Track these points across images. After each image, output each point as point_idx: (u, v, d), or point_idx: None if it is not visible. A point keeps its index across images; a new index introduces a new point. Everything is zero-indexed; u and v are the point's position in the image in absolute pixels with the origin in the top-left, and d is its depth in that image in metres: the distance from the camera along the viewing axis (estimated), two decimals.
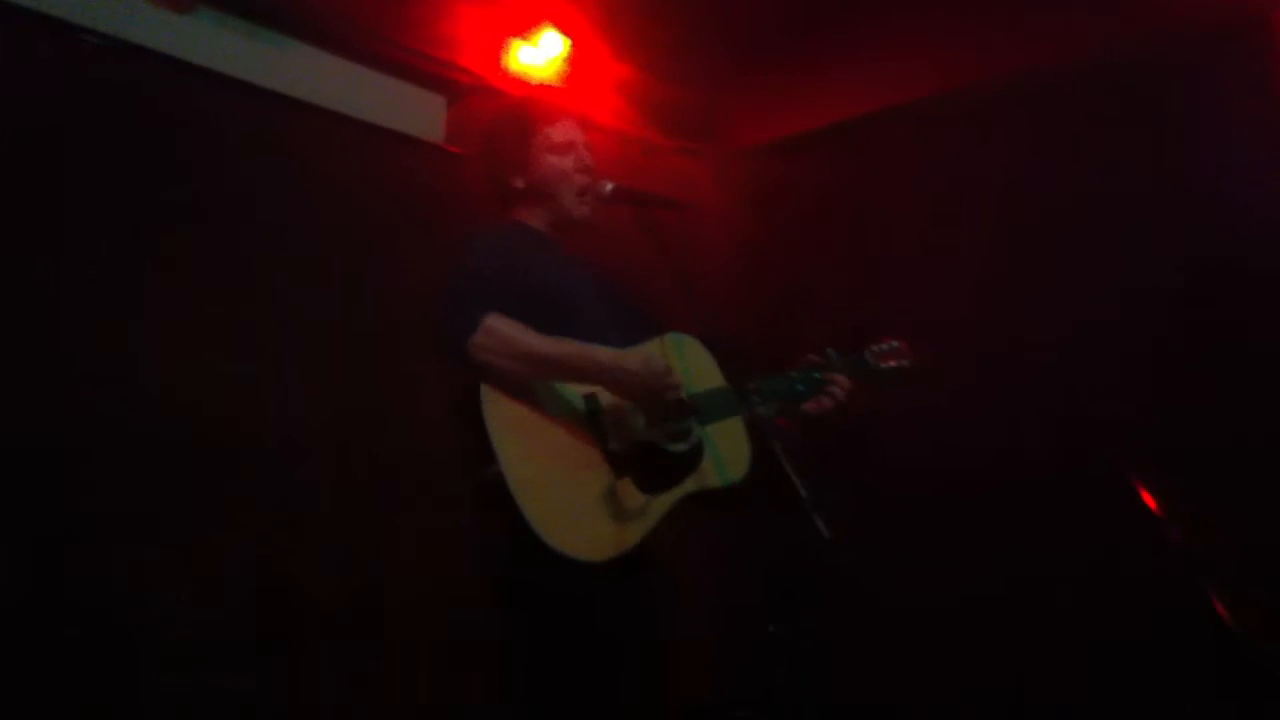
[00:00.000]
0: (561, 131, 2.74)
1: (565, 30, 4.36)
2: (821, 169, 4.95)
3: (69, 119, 3.31)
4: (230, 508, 3.45)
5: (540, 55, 4.36)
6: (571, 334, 2.51)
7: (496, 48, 4.32)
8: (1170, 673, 3.45)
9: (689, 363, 2.70)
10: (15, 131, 3.19)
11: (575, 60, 4.41)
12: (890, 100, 4.70)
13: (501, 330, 2.39)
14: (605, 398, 2.43)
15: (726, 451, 2.64)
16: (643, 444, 2.47)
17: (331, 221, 3.82)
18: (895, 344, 2.98)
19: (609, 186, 2.68)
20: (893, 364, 2.94)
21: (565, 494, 2.36)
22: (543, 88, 4.18)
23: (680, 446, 2.53)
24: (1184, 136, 3.87)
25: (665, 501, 2.48)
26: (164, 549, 3.28)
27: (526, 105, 2.90)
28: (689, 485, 2.53)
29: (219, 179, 3.59)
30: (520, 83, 4.36)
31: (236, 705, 3.34)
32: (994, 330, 4.14)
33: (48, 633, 3.05)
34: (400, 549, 3.80)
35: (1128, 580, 3.62)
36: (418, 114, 4.23)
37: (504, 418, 2.37)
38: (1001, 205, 4.27)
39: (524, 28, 4.33)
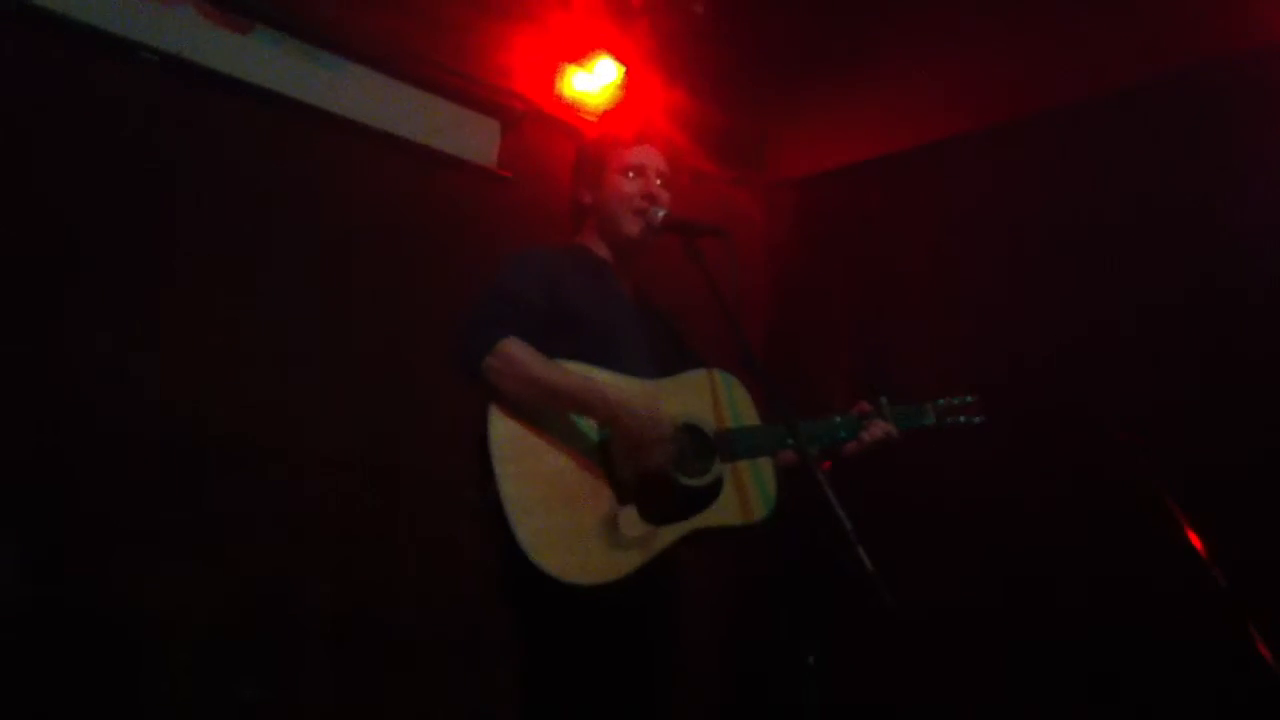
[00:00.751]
0: (637, 155, 2.75)
1: (619, 57, 4.38)
2: (865, 201, 4.93)
3: (127, 136, 3.34)
4: (233, 516, 3.44)
5: (594, 82, 4.39)
6: (605, 358, 2.53)
7: (550, 74, 4.36)
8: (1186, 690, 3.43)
9: (725, 398, 2.68)
10: (72, 146, 3.22)
11: (628, 87, 4.43)
12: (934, 134, 4.67)
13: (515, 354, 2.41)
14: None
15: (750, 490, 2.60)
16: (653, 474, 2.45)
17: (382, 241, 3.84)
18: (969, 399, 2.88)
19: (660, 214, 2.68)
20: (960, 419, 2.86)
21: (561, 517, 2.35)
22: (641, 117, 4.17)
23: (696, 481, 2.50)
24: (1214, 164, 3.83)
25: (671, 534, 2.45)
26: (167, 556, 3.27)
27: (618, 126, 2.93)
28: (700, 520, 2.50)
29: (273, 197, 3.62)
30: (573, 109, 4.38)
31: (238, 712, 3.33)
32: (1034, 361, 4.09)
33: (51, 638, 3.05)
34: (404, 560, 3.76)
35: (1147, 603, 3.58)
36: (472, 138, 4.25)
37: (508, 438, 2.39)
38: (1045, 239, 4.22)
39: (578, 55, 4.36)
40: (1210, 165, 3.84)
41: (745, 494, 2.58)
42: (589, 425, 2.45)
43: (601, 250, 2.78)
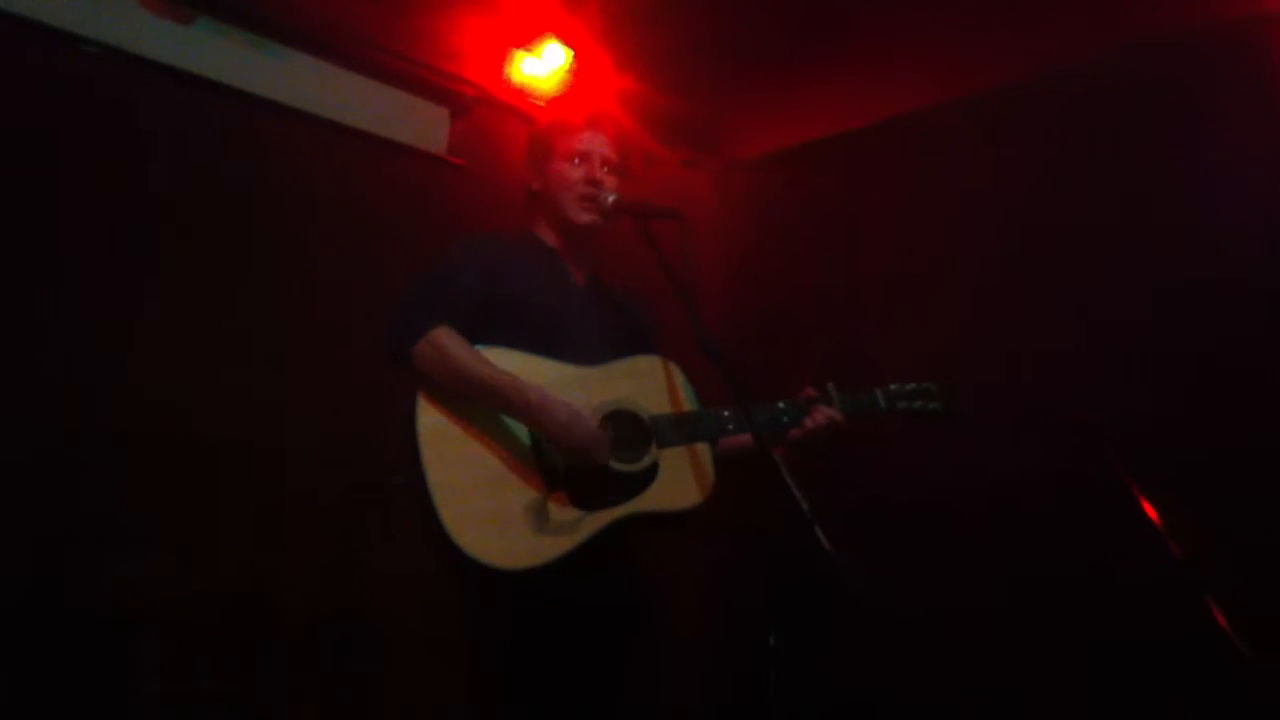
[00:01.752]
0: (584, 142, 2.75)
1: (568, 42, 4.36)
2: (821, 180, 4.93)
3: (68, 128, 3.29)
4: (222, 514, 3.44)
5: (543, 66, 4.37)
6: (547, 346, 2.54)
7: (500, 59, 4.33)
8: (1169, 684, 3.42)
9: (666, 384, 2.68)
10: (13, 139, 3.17)
11: (578, 71, 4.41)
12: (889, 112, 4.69)
13: (445, 345, 2.43)
14: None
15: (686, 476, 2.60)
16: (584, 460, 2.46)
17: (333, 232, 3.81)
18: (925, 385, 2.84)
19: (610, 198, 2.70)
20: (915, 405, 2.82)
21: (488, 502, 2.37)
22: (590, 102, 4.15)
23: (628, 466, 2.51)
24: (1183, 143, 3.83)
25: (602, 519, 2.45)
26: (158, 555, 3.27)
27: (566, 112, 2.91)
28: (633, 505, 2.50)
29: (220, 189, 3.58)
30: (524, 94, 4.36)
31: (224, 710, 3.33)
32: (994, 342, 4.07)
33: (42, 636, 3.04)
34: (390, 559, 3.73)
35: (1127, 591, 3.55)
36: (421, 126, 4.23)
37: (436, 424, 2.41)
38: (1003, 216, 4.22)
39: (527, 39, 4.33)
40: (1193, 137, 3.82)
41: (681, 479, 2.59)
42: None
43: (550, 237, 2.79)
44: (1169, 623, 3.22)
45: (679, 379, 2.71)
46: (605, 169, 2.75)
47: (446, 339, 2.44)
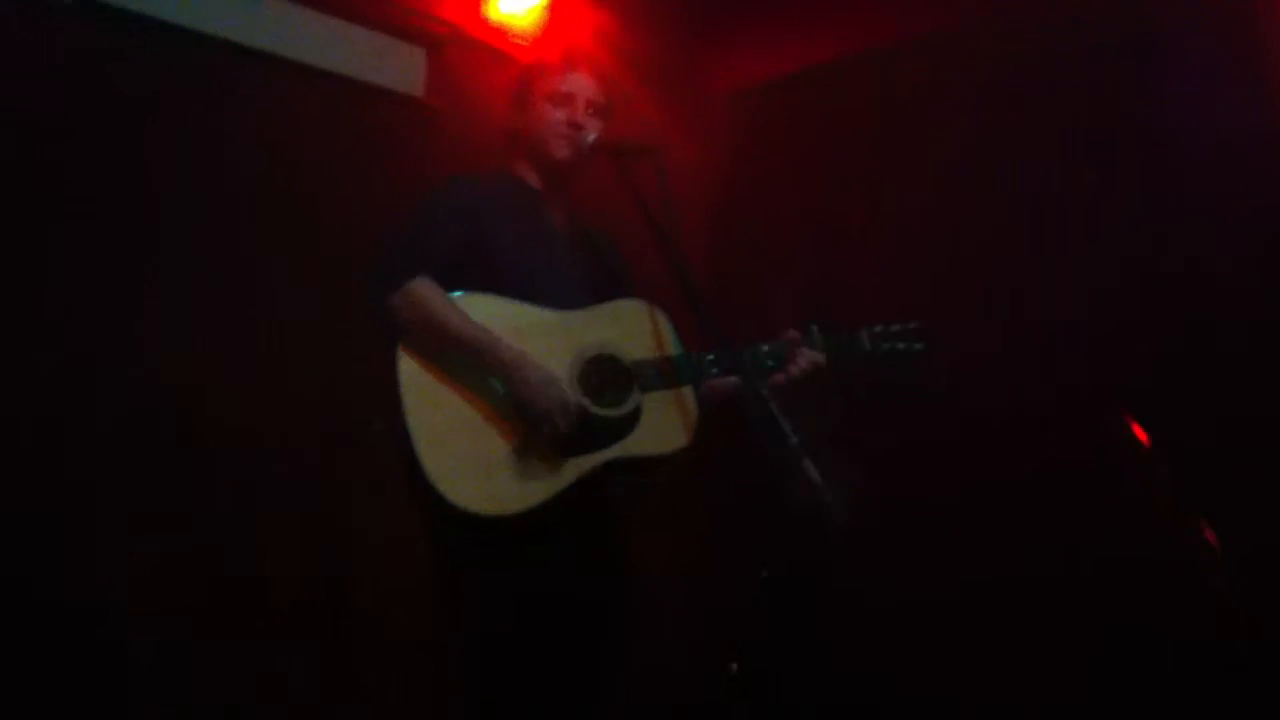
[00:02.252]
0: (566, 83, 2.72)
1: None
2: (801, 115, 4.84)
3: (40, 85, 3.22)
4: (213, 497, 3.44)
5: (520, 4, 4.30)
6: (526, 290, 2.53)
7: None
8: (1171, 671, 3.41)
9: (649, 328, 2.67)
10: None
11: (555, 8, 4.35)
12: (869, 43, 4.60)
13: (421, 296, 2.43)
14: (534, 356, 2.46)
15: (670, 420, 2.60)
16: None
17: (308, 178, 3.74)
18: (910, 325, 2.78)
19: (590, 137, 2.67)
20: (899, 346, 2.77)
21: (468, 446, 2.38)
22: (571, 41, 4.07)
23: (610, 411, 2.52)
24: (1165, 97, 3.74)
25: (583, 464, 2.46)
26: (151, 541, 3.26)
27: (547, 52, 2.90)
28: (615, 450, 2.50)
29: (191, 139, 3.52)
30: (501, 33, 4.29)
31: (221, 693, 3.34)
32: (981, 278, 4.02)
33: (35, 621, 3.03)
34: (388, 538, 3.66)
35: (1130, 575, 3.52)
36: (397, 68, 4.16)
37: (418, 370, 2.42)
38: (992, 155, 4.12)
39: None
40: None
41: (666, 424, 2.59)
42: None
43: (531, 178, 2.77)
44: (1173, 603, 3.22)
45: (662, 323, 2.69)
46: (588, 110, 2.71)
47: (423, 289, 2.43)
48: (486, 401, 2.44)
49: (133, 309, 3.34)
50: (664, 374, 2.60)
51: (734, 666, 3.56)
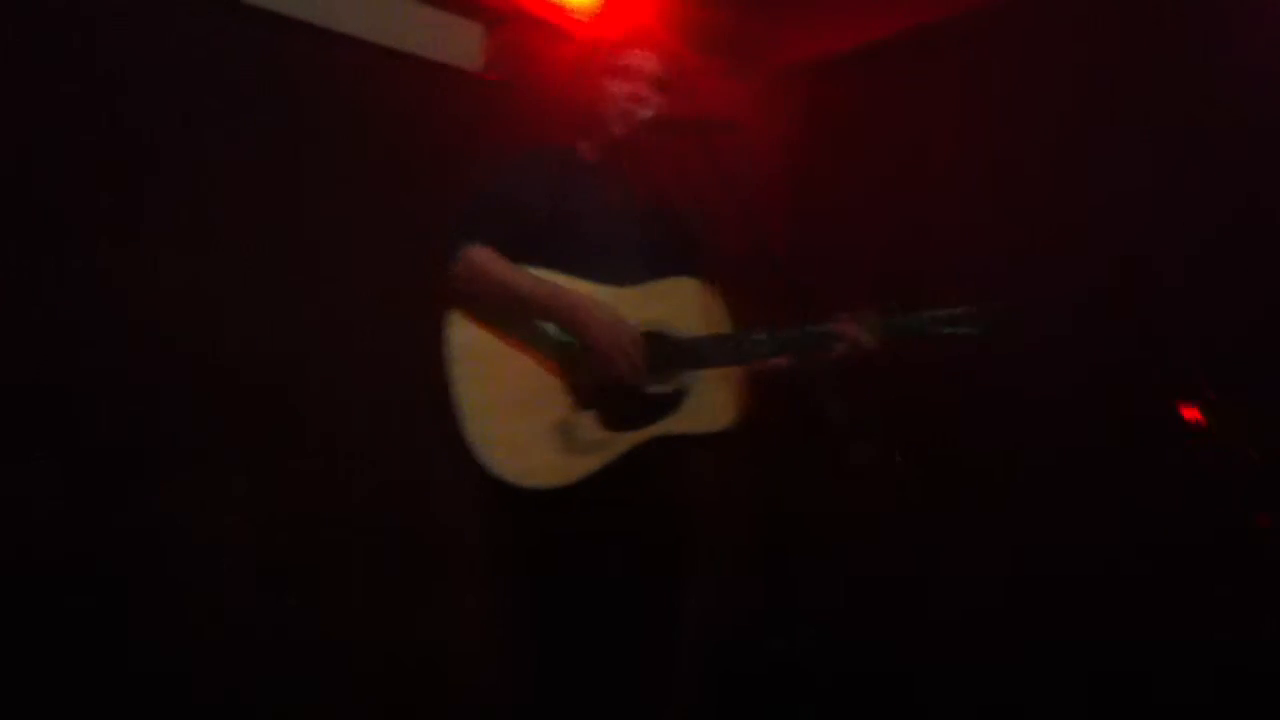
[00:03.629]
0: (631, 59, 2.71)
1: None
2: (877, 87, 4.70)
3: (77, 48, 3.21)
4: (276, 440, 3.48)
5: None
6: (582, 266, 2.54)
7: None
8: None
9: (702, 306, 2.67)
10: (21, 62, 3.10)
11: None
12: (947, 11, 4.39)
13: (479, 262, 2.45)
14: None
15: (715, 399, 2.60)
16: (614, 380, 2.45)
17: (368, 154, 3.75)
18: (973, 309, 2.71)
19: (649, 113, 2.66)
20: (959, 330, 2.69)
21: (514, 419, 2.39)
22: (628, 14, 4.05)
23: (660, 387, 2.52)
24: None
25: (630, 439, 2.47)
26: (193, 482, 3.29)
27: (616, 30, 2.88)
28: (661, 427, 2.51)
29: (251, 116, 3.52)
30: (559, 8, 4.23)
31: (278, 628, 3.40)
32: (1059, 269, 3.79)
33: (90, 563, 3.08)
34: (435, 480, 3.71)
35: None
36: (455, 42, 4.13)
37: (466, 342, 2.43)
38: (1074, 126, 3.92)
39: None
40: None
41: (713, 402, 2.59)
42: (551, 329, 2.46)
43: (593, 153, 2.77)
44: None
45: (714, 301, 2.69)
46: (651, 85, 2.70)
47: (481, 256, 2.46)
48: (536, 372, 2.45)
49: (209, 288, 3.37)
50: (714, 352, 2.59)
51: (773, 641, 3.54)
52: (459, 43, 4.13)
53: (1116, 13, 3.93)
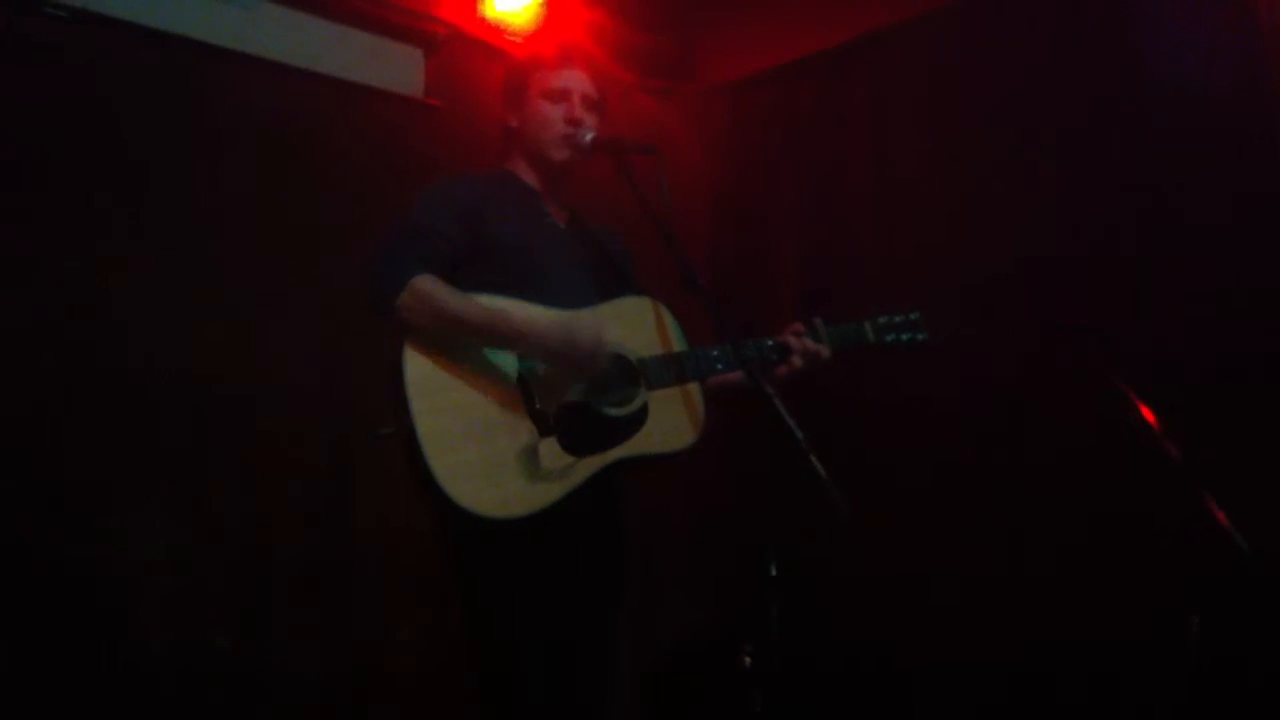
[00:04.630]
0: (562, 79, 2.71)
1: None
2: (798, 103, 4.79)
3: (35, 92, 3.25)
4: (208, 466, 3.50)
5: (516, 2, 4.30)
6: (533, 289, 2.51)
7: None
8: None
9: (654, 324, 2.68)
10: None
11: (550, 4, 4.35)
12: (864, 28, 4.55)
13: (426, 291, 2.40)
14: None
15: (676, 417, 2.61)
16: (573, 405, 2.46)
17: (311, 182, 3.76)
18: (912, 316, 2.87)
19: (588, 136, 2.67)
20: (902, 338, 2.84)
21: (478, 450, 2.36)
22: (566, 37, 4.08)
23: (618, 411, 2.51)
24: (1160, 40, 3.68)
25: (592, 464, 2.46)
26: (148, 511, 3.32)
27: (542, 49, 2.85)
28: (624, 449, 2.51)
29: (193, 147, 3.54)
30: (498, 31, 4.30)
31: (212, 662, 3.40)
32: (982, 267, 3.94)
33: (21, 590, 3.06)
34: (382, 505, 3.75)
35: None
36: (395, 68, 4.17)
37: (424, 374, 2.39)
38: (988, 126, 4.08)
39: None
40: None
41: (673, 420, 2.60)
42: (507, 359, 2.45)
43: (530, 176, 2.76)
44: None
45: (667, 319, 2.70)
46: (584, 106, 2.71)
47: (427, 284, 2.41)
48: (496, 401, 2.42)
49: (138, 306, 3.37)
50: (670, 370, 2.61)
51: (746, 659, 3.55)
52: (400, 69, 4.17)
53: (1024, 28, 4.07)
